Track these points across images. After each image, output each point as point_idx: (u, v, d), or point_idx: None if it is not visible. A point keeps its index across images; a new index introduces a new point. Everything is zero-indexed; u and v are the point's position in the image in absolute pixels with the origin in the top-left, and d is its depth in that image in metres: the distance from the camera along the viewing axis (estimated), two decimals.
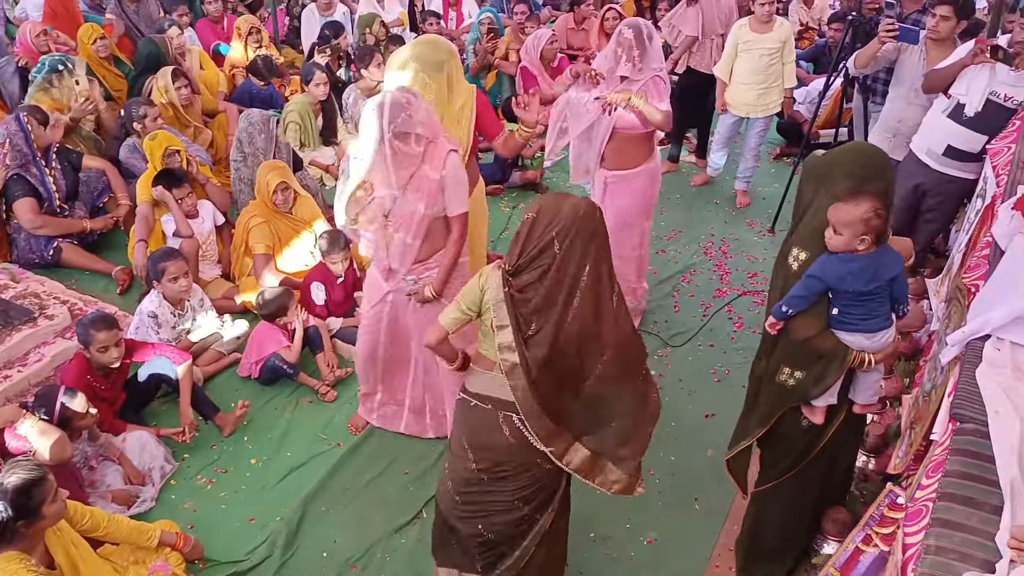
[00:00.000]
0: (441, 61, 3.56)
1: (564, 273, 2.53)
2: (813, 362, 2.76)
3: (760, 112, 6.41)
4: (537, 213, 2.56)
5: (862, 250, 2.59)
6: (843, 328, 2.72)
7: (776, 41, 6.13)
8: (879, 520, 2.60)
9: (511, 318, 2.57)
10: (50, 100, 5.90)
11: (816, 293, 2.67)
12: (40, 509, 2.68)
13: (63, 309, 4.59)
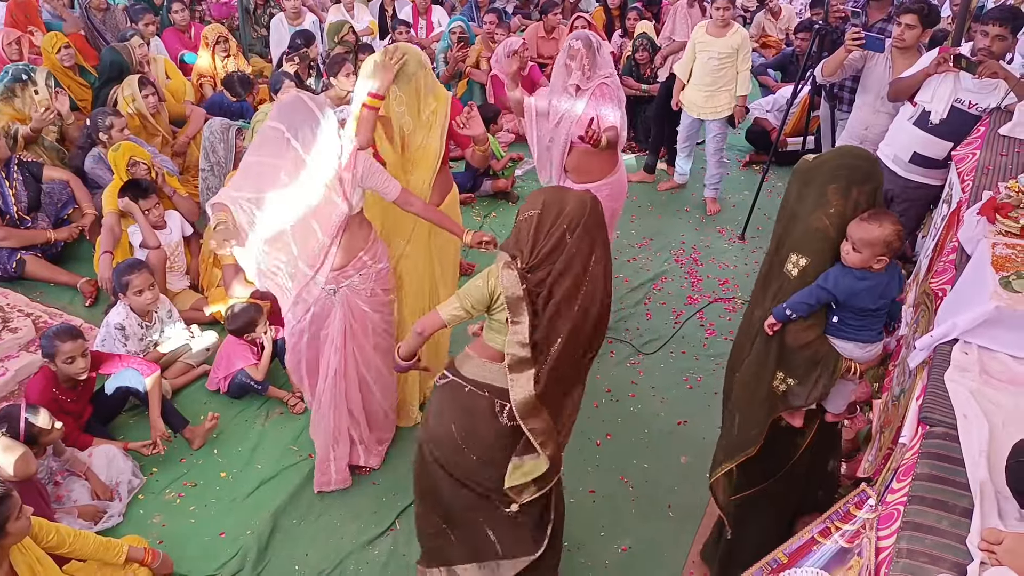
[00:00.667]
0: (411, 74, 3.55)
1: (577, 265, 2.61)
2: (806, 368, 2.77)
3: (709, 115, 6.51)
4: (542, 208, 2.62)
5: (878, 268, 2.62)
6: (840, 336, 2.75)
7: (728, 47, 6.22)
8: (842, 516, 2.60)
9: (529, 315, 2.60)
10: (12, 111, 5.81)
11: (822, 303, 2.70)
12: (5, 526, 2.63)
13: (27, 322, 4.52)
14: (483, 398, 2.79)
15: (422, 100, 3.62)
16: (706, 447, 4.12)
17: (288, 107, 3.17)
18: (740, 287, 5.72)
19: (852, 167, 2.67)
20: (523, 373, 2.65)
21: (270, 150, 3.17)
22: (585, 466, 4.10)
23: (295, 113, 3.13)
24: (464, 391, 2.82)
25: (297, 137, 3.11)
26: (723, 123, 6.56)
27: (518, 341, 2.62)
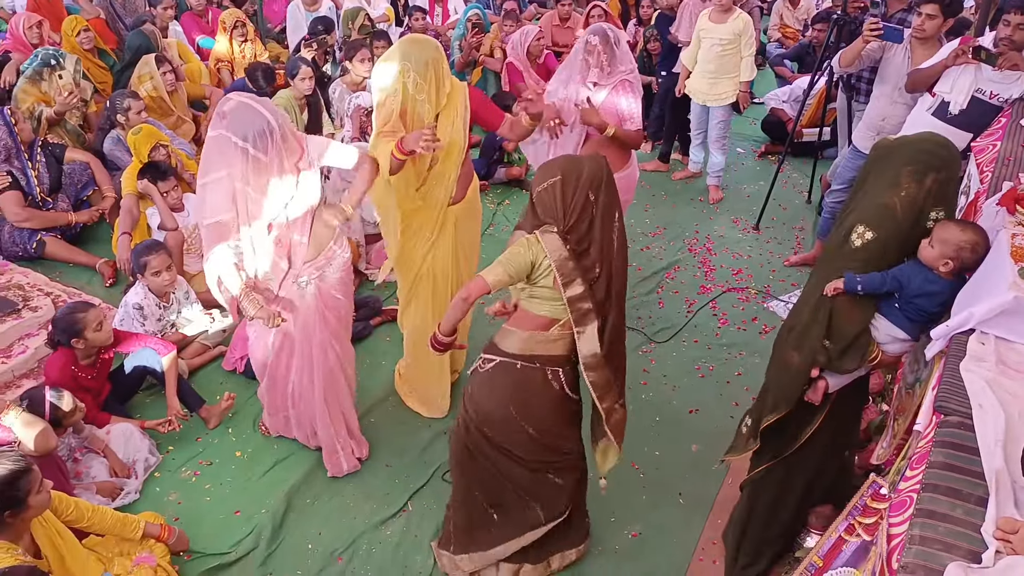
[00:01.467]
0: (428, 59, 3.54)
1: (607, 222, 2.80)
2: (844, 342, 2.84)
3: (713, 101, 6.51)
4: (561, 175, 2.77)
5: (943, 271, 2.66)
6: (888, 317, 2.81)
7: (730, 33, 6.21)
8: (862, 510, 2.61)
9: (579, 272, 2.76)
10: (38, 93, 5.86)
11: (890, 291, 2.75)
12: (26, 499, 2.67)
13: (47, 301, 4.57)
14: (535, 370, 2.94)
15: (440, 88, 3.62)
16: (717, 436, 4.15)
17: (236, 115, 3.07)
18: (754, 277, 5.72)
19: (931, 153, 2.70)
20: (589, 326, 2.83)
21: (226, 160, 3.10)
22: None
23: (245, 119, 3.06)
24: (516, 368, 2.94)
25: (252, 142, 3.05)
26: (727, 110, 6.55)
27: (576, 296, 2.78)
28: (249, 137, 3.05)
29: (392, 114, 3.57)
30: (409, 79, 3.51)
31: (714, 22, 6.27)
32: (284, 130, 3.11)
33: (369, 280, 5.47)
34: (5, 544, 2.63)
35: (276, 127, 3.07)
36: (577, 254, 2.78)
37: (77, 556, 2.95)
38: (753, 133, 8.10)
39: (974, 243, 2.62)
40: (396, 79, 3.50)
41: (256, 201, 3.18)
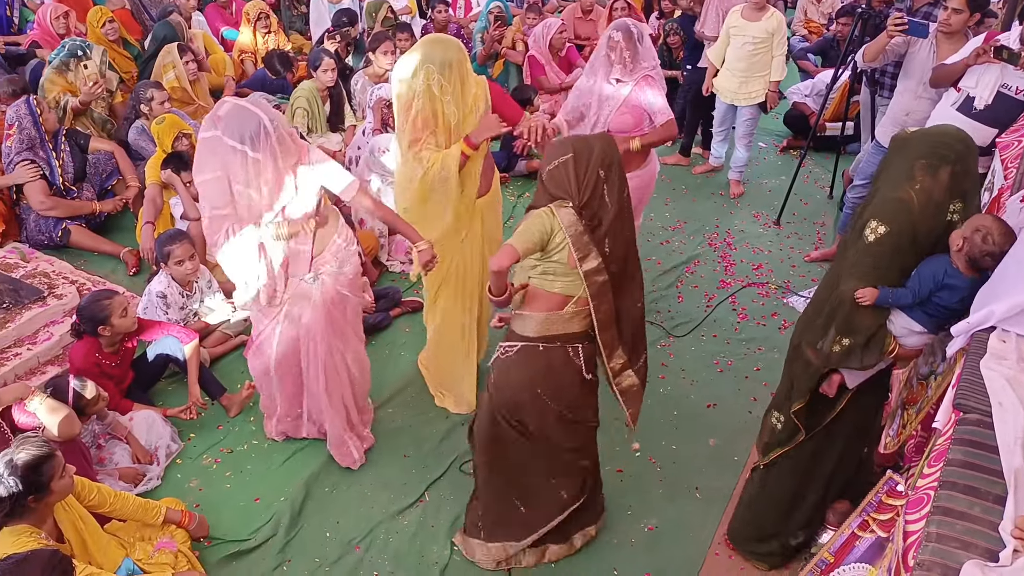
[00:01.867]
0: (451, 59, 3.53)
1: (617, 196, 2.88)
2: (861, 335, 2.85)
3: (743, 100, 6.43)
4: (573, 153, 2.84)
5: (955, 254, 2.67)
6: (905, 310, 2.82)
7: (763, 31, 6.13)
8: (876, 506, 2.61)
9: (593, 246, 2.85)
10: (64, 83, 5.93)
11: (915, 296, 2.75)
12: (49, 484, 2.71)
13: (72, 289, 4.62)
14: (557, 349, 3.03)
15: (465, 86, 3.61)
16: (735, 430, 4.15)
17: (230, 117, 3.08)
18: (774, 272, 5.69)
19: (945, 146, 2.69)
20: (605, 296, 2.93)
21: (220, 162, 3.12)
22: (613, 445, 4.12)
23: (239, 121, 3.06)
24: (538, 350, 3.02)
25: (249, 144, 3.06)
26: (756, 108, 6.48)
27: (592, 270, 2.87)
28: (245, 138, 3.05)
29: (426, 119, 3.57)
30: (434, 81, 3.50)
31: (747, 20, 6.16)
32: (280, 131, 3.10)
33: (389, 271, 5.49)
34: (28, 528, 2.68)
35: (271, 126, 3.07)
36: (591, 228, 2.85)
37: (99, 540, 3.00)
38: (775, 127, 8.05)
39: (988, 230, 2.59)
40: (421, 82, 3.49)
41: (255, 202, 3.20)
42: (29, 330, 4.34)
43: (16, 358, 4.17)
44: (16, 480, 2.62)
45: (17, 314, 4.36)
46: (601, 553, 3.57)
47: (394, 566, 3.49)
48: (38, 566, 2.39)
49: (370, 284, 5.09)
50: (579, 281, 2.90)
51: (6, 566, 2.39)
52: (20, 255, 4.89)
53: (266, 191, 3.18)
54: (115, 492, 3.19)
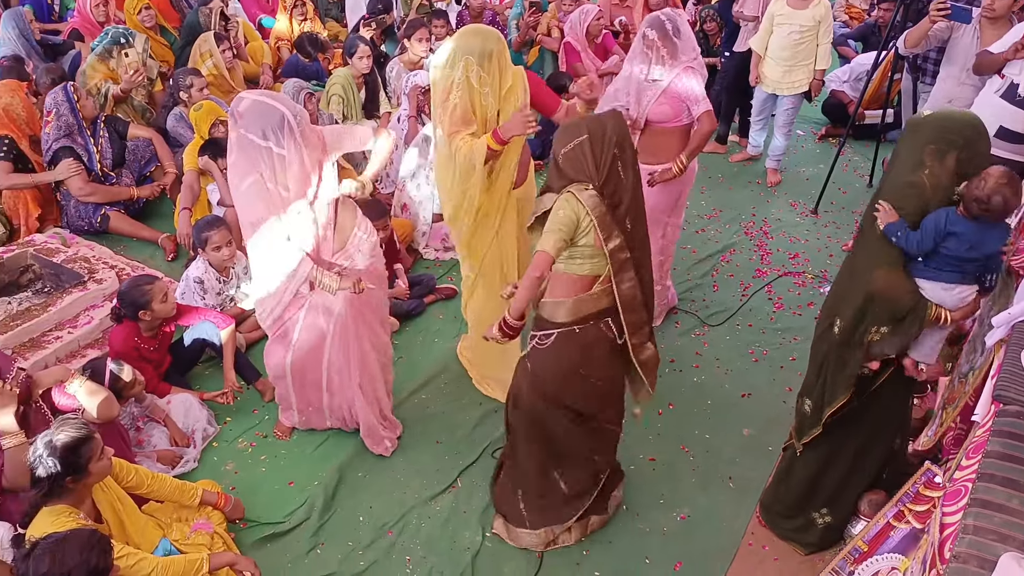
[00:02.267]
0: (490, 50, 3.49)
1: (633, 174, 2.93)
2: (897, 318, 2.85)
3: (786, 90, 6.31)
4: (588, 134, 2.85)
5: (958, 190, 2.67)
6: (923, 276, 2.81)
7: (810, 19, 5.99)
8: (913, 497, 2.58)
9: (616, 225, 2.88)
10: (106, 70, 6.01)
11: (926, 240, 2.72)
12: (87, 466, 2.76)
13: (111, 274, 4.70)
14: (592, 327, 3.06)
15: (503, 77, 3.58)
16: (769, 420, 4.12)
17: (250, 113, 3.07)
18: (811, 261, 5.63)
19: (954, 131, 2.67)
20: (627, 272, 2.96)
21: (251, 162, 3.11)
22: (646, 434, 4.11)
23: (261, 116, 3.06)
24: (576, 332, 3.05)
25: (274, 139, 3.06)
26: (798, 98, 6.37)
27: (616, 248, 2.90)
28: (268, 133, 3.04)
29: (464, 111, 3.56)
30: (472, 73, 3.48)
31: (793, 7, 6.00)
32: (303, 124, 3.10)
33: (423, 258, 5.51)
34: (67, 508, 2.73)
35: (293, 119, 3.06)
36: (612, 208, 2.88)
37: (136, 521, 3.05)
38: (814, 115, 7.93)
39: (987, 176, 2.58)
40: (460, 74, 3.47)
41: (284, 199, 3.20)
42: (70, 314, 4.42)
43: (57, 341, 4.25)
44: (55, 461, 2.67)
45: (58, 298, 4.44)
46: (633, 542, 3.57)
47: (426, 551, 3.52)
48: (77, 545, 2.43)
49: (404, 271, 5.11)
50: (605, 261, 2.93)
51: (46, 545, 2.44)
52: (61, 240, 4.98)
53: (293, 189, 3.17)
54: (152, 474, 3.24)
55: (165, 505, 3.34)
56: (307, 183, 3.20)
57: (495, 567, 3.46)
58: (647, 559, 3.50)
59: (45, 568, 2.38)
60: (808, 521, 3.47)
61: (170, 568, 2.81)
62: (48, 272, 4.73)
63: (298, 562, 3.46)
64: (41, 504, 2.72)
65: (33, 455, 2.70)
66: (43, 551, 2.41)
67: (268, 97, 3.10)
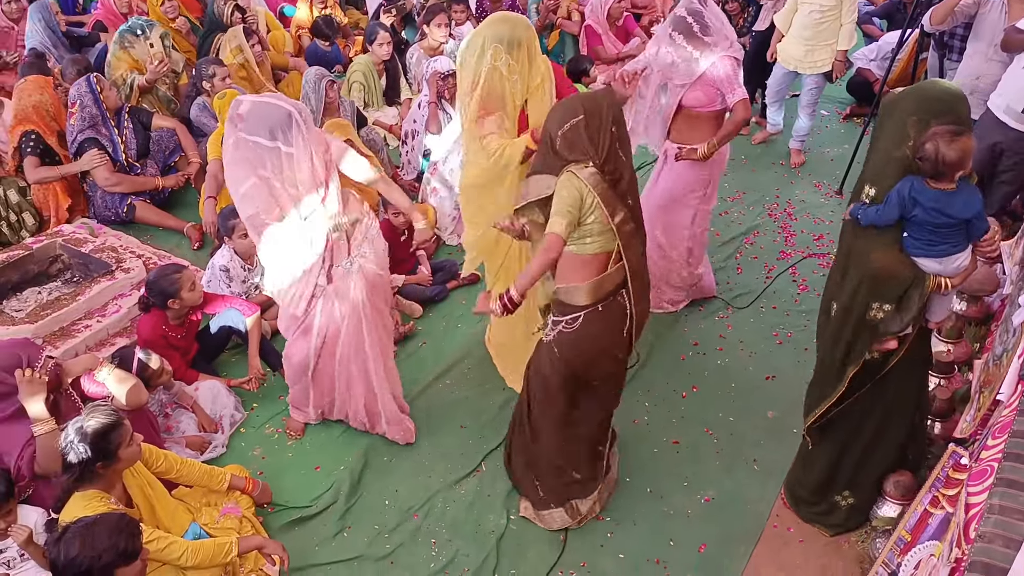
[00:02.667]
0: (520, 38, 3.45)
1: (627, 151, 2.99)
2: (898, 294, 2.84)
3: (808, 69, 6.21)
4: (584, 113, 2.89)
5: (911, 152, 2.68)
6: (917, 253, 2.80)
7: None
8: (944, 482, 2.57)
9: (618, 200, 2.94)
10: (130, 60, 6.06)
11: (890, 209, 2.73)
12: (117, 452, 2.80)
13: (139, 263, 4.74)
14: (613, 302, 3.11)
15: (532, 67, 3.53)
16: (794, 403, 4.08)
17: (253, 114, 3.07)
18: (836, 243, 5.54)
19: (935, 99, 2.66)
20: (635, 243, 3.05)
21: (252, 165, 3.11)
22: (670, 417, 4.12)
23: (265, 116, 3.05)
24: (599, 311, 3.09)
25: (281, 138, 3.05)
26: (821, 77, 6.27)
27: (622, 220, 2.95)
28: (276, 133, 3.03)
29: (491, 100, 3.53)
30: (501, 61, 3.43)
31: None
32: (309, 122, 3.10)
33: (445, 244, 5.53)
34: (98, 493, 2.78)
35: (299, 116, 3.05)
36: (613, 184, 2.93)
37: (166, 506, 3.10)
38: (838, 94, 7.84)
39: (935, 133, 2.58)
40: (488, 62, 3.43)
41: (293, 197, 3.20)
42: (98, 303, 4.47)
43: (86, 330, 4.31)
44: (86, 447, 2.72)
45: (87, 287, 4.50)
46: (657, 524, 3.58)
47: (451, 534, 3.55)
48: (106, 529, 2.47)
49: (427, 257, 5.13)
50: (613, 236, 2.98)
51: (76, 528, 2.48)
52: (89, 230, 5.04)
53: (304, 186, 3.17)
54: (182, 459, 3.29)
55: (194, 490, 3.39)
56: (317, 182, 3.19)
57: (520, 550, 3.49)
58: (671, 541, 3.51)
59: (75, 552, 2.42)
60: (831, 504, 3.47)
61: (199, 551, 2.86)
62: (77, 262, 4.80)
63: (325, 545, 3.50)
64: (73, 489, 2.78)
65: (64, 441, 2.76)
66: (73, 535, 2.46)
67: (270, 97, 3.11)
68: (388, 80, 6.84)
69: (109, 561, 2.44)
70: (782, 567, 3.41)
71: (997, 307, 4.16)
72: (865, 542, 3.42)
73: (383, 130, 6.54)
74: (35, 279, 4.67)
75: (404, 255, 4.96)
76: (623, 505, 3.67)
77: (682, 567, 3.42)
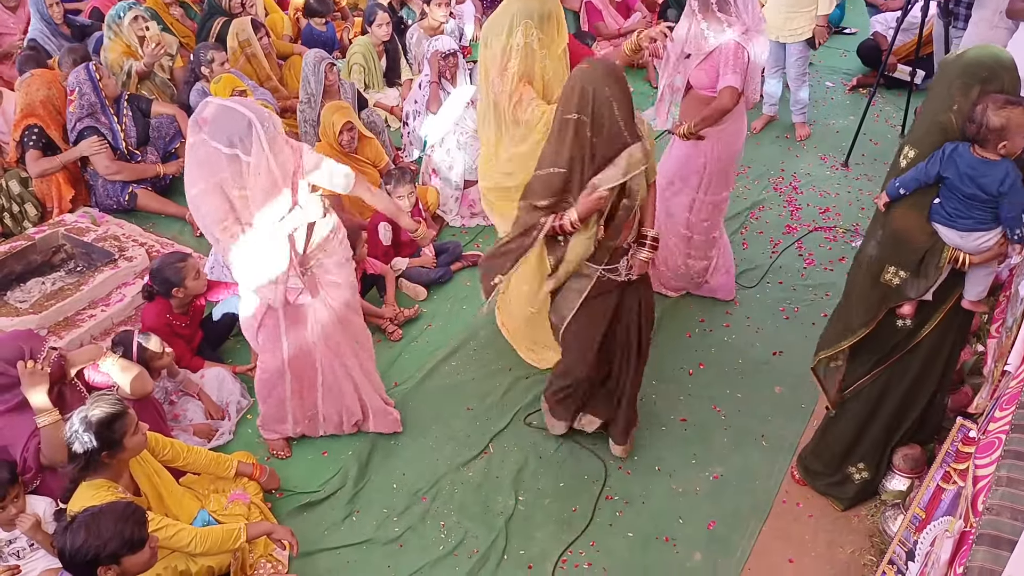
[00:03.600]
0: (549, 11, 3.41)
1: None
2: (914, 260, 2.85)
3: (788, 37, 6.07)
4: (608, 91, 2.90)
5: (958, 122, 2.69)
6: (938, 220, 2.80)
7: None
8: (955, 456, 2.55)
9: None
10: (123, 45, 6.02)
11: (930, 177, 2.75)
12: (122, 440, 2.80)
13: (142, 251, 4.74)
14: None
15: (560, 38, 3.49)
16: (801, 378, 4.08)
17: (217, 120, 2.94)
18: (842, 216, 5.53)
19: (978, 64, 2.66)
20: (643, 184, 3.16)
21: (210, 169, 2.99)
22: (677, 395, 4.10)
23: (227, 123, 2.93)
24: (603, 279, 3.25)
25: (240, 146, 2.94)
26: (803, 46, 6.14)
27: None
28: (235, 141, 2.93)
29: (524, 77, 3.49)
30: (532, 37, 3.39)
31: None
32: (272, 131, 2.99)
33: (449, 226, 5.50)
34: (106, 482, 2.78)
35: (260, 126, 2.93)
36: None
37: (174, 493, 3.11)
38: (843, 65, 7.76)
39: (988, 100, 2.57)
40: (519, 39, 3.39)
41: (253, 205, 3.06)
42: (102, 292, 4.48)
43: (91, 319, 4.31)
44: (91, 436, 2.72)
45: (90, 277, 4.50)
46: (667, 502, 3.58)
47: (460, 516, 3.55)
48: (112, 517, 2.48)
49: (431, 239, 5.11)
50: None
51: (83, 518, 2.49)
52: (91, 219, 5.03)
53: (259, 199, 3.04)
54: (188, 446, 3.29)
55: (202, 477, 3.40)
56: (274, 193, 3.07)
57: (528, 531, 3.49)
58: (680, 519, 3.51)
59: (81, 540, 2.43)
60: (845, 476, 3.46)
61: (208, 538, 2.86)
62: (80, 251, 4.80)
63: (334, 529, 3.51)
64: (79, 479, 2.79)
65: (69, 431, 2.76)
66: (79, 524, 2.46)
67: (236, 103, 3.00)
68: (388, 61, 6.79)
69: (115, 549, 2.45)
70: (791, 543, 3.41)
71: (1006, 277, 4.11)
72: (875, 516, 3.41)
73: (384, 112, 6.50)
74: (38, 269, 4.68)
75: (407, 237, 4.93)
76: (632, 484, 3.67)
77: (691, 544, 3.42)
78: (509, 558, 3.39)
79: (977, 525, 1.81)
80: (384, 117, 6.33)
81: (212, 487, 3.38)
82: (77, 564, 2.46)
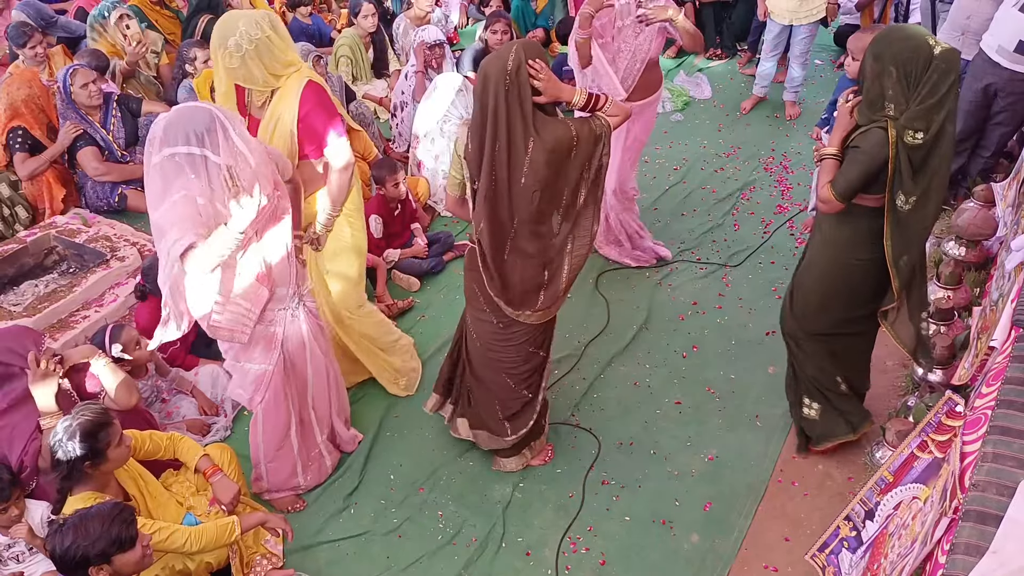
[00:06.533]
0: None
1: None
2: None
3: (804, 19, 6.08)
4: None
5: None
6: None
7: None
8: (936, 427, 2.56)
9: None
10: (107, 44, 6.00)
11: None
12: (106, 451, 2.77)
13: (133, 251, 4.74)
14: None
15: None
16: None
17: (174, 125, 2.64)
18: None
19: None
20: None
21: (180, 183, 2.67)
22: (671, 378, 4.12)
23: (188, 121, 2.64)
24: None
25: (209, 144, 2.65)
26: (814, 25, 6.17)
27: None
28: (204, 138, 2.63)
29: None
30: None
31: None
32: (241, 129, 2.73)
33: (440, 216, 5.50)
34: (93, 495, 2.75)
35: (224, 119, 2.68)
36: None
37: (158, 497, 3.07)
38: (831, 43, 7.74)
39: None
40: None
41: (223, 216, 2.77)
42: (95, 293, 4.48)
43: (84, 320, 4.31)
44: (75, 444, 2.70)
45: (83, 278, 4.50)
46: (662, 485, 3.60)
47: (457, 505, 3.57)
48: (99, 518, 2.47)
49: (422, 229, 5.11)
50: None
51: (72, 519, 2.49)
52: (82, 220, 5.03)
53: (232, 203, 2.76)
54: (167, 434, 3.18)
55: (182, 480, 3.29)
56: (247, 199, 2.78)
57: (526, 518, 3.51)
58: (676, 501, 3.53)
59: (70, 541, 2.43)
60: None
61: (203, 536, 2.85)
62: (72, 253, 4.79)
63: (332, 522, 3.53)
64: (62, 489, 2.78)
65: (53, 439, 2.75)
66: (68, 526, 2.46)
67: (198, 106, 2.75)
68: (375, 52, 6.78)
69: (104, 548, 2.44)
70: (787, 521, 3.43)
71: (996, 250, 4.13)
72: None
73: (373, 103, 6.49)
74: (31, 272, 4.68)
75: (399, 228, 4.94)
76: (628, 468, 3.69)
77: (688, 526, 3.44)
78: (507, 546, 3.41)
79: (964, 501, 1.83)
80: (373, 109, 6.32)
81: (193, 488, 3.27)
82: (68, 565, 2.47)
